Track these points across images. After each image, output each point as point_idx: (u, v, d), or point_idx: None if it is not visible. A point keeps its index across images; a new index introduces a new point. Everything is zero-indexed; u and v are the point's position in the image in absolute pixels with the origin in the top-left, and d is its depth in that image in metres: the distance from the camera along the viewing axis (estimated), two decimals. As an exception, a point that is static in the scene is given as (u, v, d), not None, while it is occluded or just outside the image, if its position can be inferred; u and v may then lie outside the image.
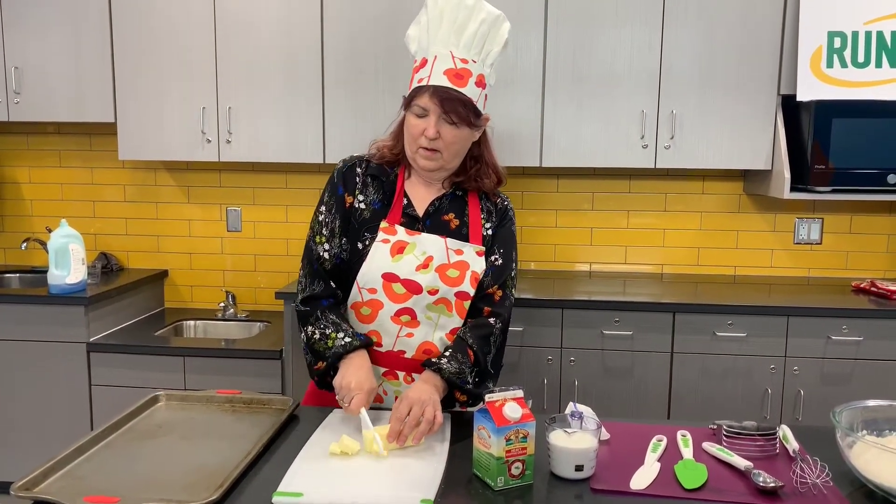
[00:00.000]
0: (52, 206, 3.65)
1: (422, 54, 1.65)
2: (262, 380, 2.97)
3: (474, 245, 1.69)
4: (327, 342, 1.61)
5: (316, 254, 1.69)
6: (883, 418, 1.39)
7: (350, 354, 1.60)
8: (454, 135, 1.61)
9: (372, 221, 1.68)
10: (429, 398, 1.48)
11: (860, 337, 2.74)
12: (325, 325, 1.63)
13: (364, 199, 1.69)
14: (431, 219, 1.70)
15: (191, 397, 1.69)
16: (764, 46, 2.93)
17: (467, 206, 1.72)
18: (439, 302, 1.65)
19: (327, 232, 1.68)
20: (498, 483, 1.28)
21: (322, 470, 1.34)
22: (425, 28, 1.65)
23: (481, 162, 1.72)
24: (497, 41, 1.64)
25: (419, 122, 1.61)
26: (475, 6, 1.61)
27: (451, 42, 1.60)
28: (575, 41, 2.98)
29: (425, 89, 1.59)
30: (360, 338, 1.62)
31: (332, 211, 1.69)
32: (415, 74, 1.64)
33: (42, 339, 3.05)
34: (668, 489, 1.29)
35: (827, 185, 2.85)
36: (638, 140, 3.01)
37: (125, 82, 3.16)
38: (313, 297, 1.68)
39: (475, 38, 1.61)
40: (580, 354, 2.85)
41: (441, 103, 1.58)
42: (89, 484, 1.28)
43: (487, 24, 1.62)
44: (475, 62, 1.61)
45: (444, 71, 1.59)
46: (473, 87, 1.60)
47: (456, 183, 1.72)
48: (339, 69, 3.07)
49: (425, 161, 1.64)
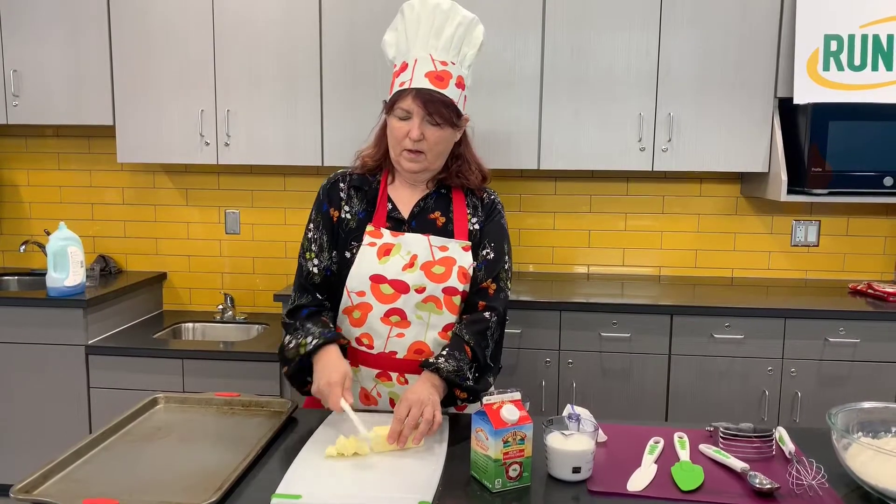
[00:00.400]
0: (51, 208, 3.66)
1: (401, 58, 1.68)
2: (261, 382, 2.97)
3: (459, 241, 1.70)
4: (298, 350, 1.63)
5: (306, 269, 1.73)
6: (878, 420, 1.40)
7: (316, 356, 1.61)
8: (438, 136, 1.64)
9: (358, 230, 1.71)
10: (427, 398, 1.49)
11: (857, 339, 2.75)
12: (300, 335, 1.64)
13: (349, 211, 1.73)
14: (417, 219, 1.72)
15: (190, 400, 1.70)
16: (761, 49, 2.94)
17: (452, 203, 1.75)
18: (428, 300, 1.66)
19: (316, 248, 1.73)
20: (495, 485, 1.29)
21: (321, 472, 1.34)
22: (403, 33, 1.69)
23: (462, 159, 1.75)
24: (473, 43, 1.70)
25: (402, 124, 1.64)
26: (450, 10, 1.67)
27: (430, 45, 1.65)
28: (573, 44, 2.99)
29: (408, 92, 1.62)
30: (325, 335, 1.62)
31: (319, 227, 1.74)
32: (395, 78, 1.67)
33: (41, 341, 3.05)
34: (664, 491, 1.30)
35: (824, 188, 2.86)
36: (635, 143, 3.02)
37: (124, 85, 3.17)
38: (297, 307, 1.71)
39: (453, 41, 1.66)
40: (578, 356, 2.86)
41: (424, 105, 1.61)
42: (89, 486, 1.29)
43: (463, 26, 1.67)
44: (454, 64, 1.66)
45: (425, 73, 1.62)
46: (454, 89, 1.64)
47: (440, 181, 1.75)
48: (337, 72, 3.08)
49: (410, 163, 1.67)
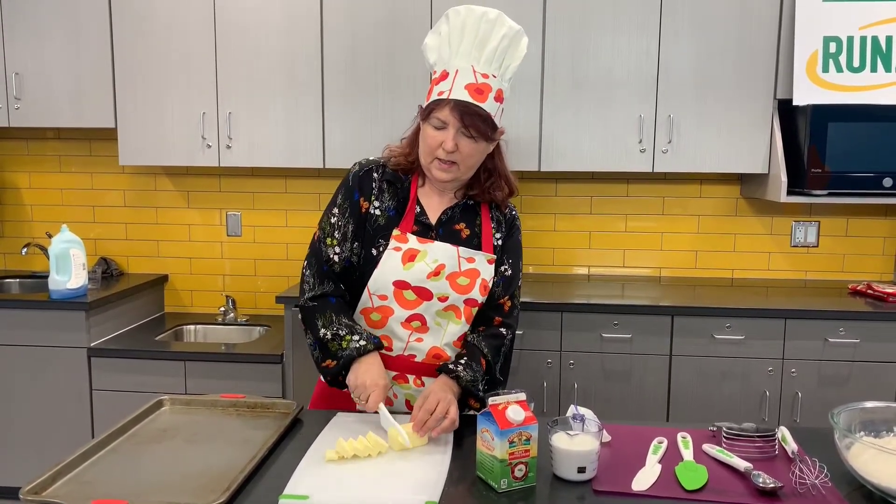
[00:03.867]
0: (53, 211, 3.66)
1: (442, 66, 1.63)
2: (263, 384, 2.98)
3: (486, 253, 1.71)
4: (341, 343, 1.62)
5: (326, 256, 1.69)
6: (880, 419, 1.40)
7: (364, 357, 1.62)
8: (472, 148, 1.61)
9: (387, 228, 1.68)
10: (451, 398, 1.54)
11: (857, 339, 2.76)
12: (338, 327, 1.64)
13: (380, 206, 1.69)
14: (444, 227, 1.71)
15: (195, 402, 1.70)
16: (760, 51, 2.96)
17: (479, 217, 1.73)
18: (448, 309, 1.67)
19: (339, 235, 1.69)
20: (501, 485, 1.30)
21: (327, 472, 1.35)
22: (446, 40, 1.63)
23: (495, 174, 1.72)
24: (516, 56, 1.64)
25: (437, 133, 1.60)
26: (497, 20, 1.60)
27: (472, 56, 1.59)
28: (573, 47, 3.00)
29: (445, 102, 1.58)
30: (374, 341, 1.64)
31: (345, 215, 1.69)
32: (434, 86, 1.62)
33: (43, 343, 3.06)
34: (669, 490, 1.31)
35: (823, 189, 2.87)
36: (636, 144, 3.03)
37: (125, 87, 3.17)
38: (324, 294, 1.69)
39: (496, 53, 1.60)
40: (579, 357, 2.87)
41: (461, 118, 1.57)
42: (97, 488, 1.29)
43: (508, 38, 1.61)
44: (495, 77, 1.60)
45: (465, 85, 1.58)
46: (492, 102, 1.60)
47: (469, 196, 1.73)
48: (338, 74, 3.09)
49: (441, 173, 1.63)
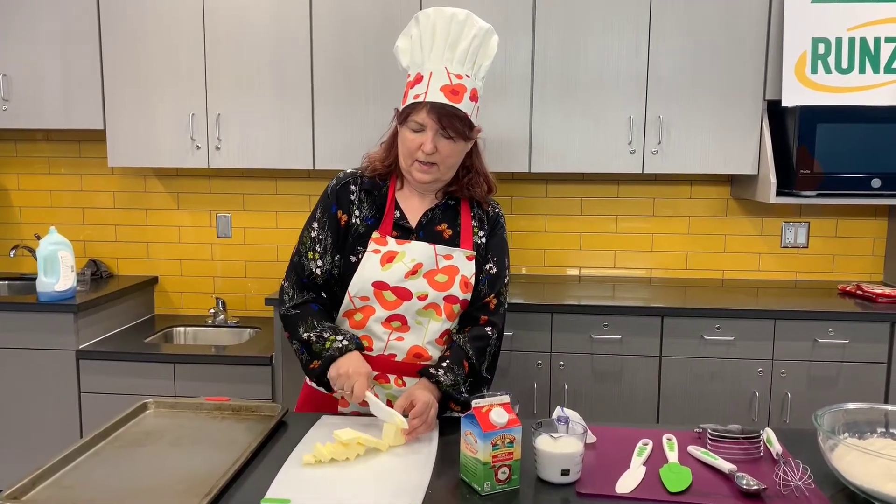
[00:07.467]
0: (41, 213, 3.65)
1: (416, 69, 1.66)
2: (253, 386, 2.97)
3: (464, 249, 1.71)
4: (324, 343, 1.63)
5: (308, 270, 1.71)
6: (864, 421, 1.41)
7: (345, 356, 1.62)
8: (451, 149, 1.64)
9: (367, 236, 1.70)
10: (433, 401, 1.57)
11: (846, 340, 2.77)
12: (321, 329, 1.65)
13: (359, 216, 1.71)
14: (425, 230, 1.71)
15: (180, 405, 1.70)
16: (749, 52, 2.96)
17: (459, 216, 1.75)
18: (428, 307, 1.67)
19: (320, 249, 1.70)
20: (485, 488, 1.29)
21: (310, 476, 1.34)
22: (418, 42, 1.66)
23: (473, 172, 1.75)
24: (488, 55, 1.67)
25: (416, 136, 1.62)
26: (466, 21, 1.63)
27: (445, 58, 1.62)
28: (563, 47, 3.00)
29: (422, 105, 1.60)
30: (356, 340, 1.65)
31: (325, 228, 1.71)
32: (409, 90, 1.65)
33: (31, 346, 3.04)
34: (652, 492, 1.30)
35: (813, 190, 2.88)
36: (626, 145, 3.03)
37: (114, 89, 3.16)
38: (306, 301, 1.71)
39: (468, 54, 1.63)
40: (569, 358, 2.87)
41: (439, 119, 1.60)
42: (77, 492, 1.28)
43: (479, 38, 1.64)
44: (469, 77, 1.64)
45: (440, 87, 1.60)
46: (468, 102, 1.63)
47: (448, 193, 1.75)
48: (328, 76, 3.08)
49: (422, 175, 1.66)
